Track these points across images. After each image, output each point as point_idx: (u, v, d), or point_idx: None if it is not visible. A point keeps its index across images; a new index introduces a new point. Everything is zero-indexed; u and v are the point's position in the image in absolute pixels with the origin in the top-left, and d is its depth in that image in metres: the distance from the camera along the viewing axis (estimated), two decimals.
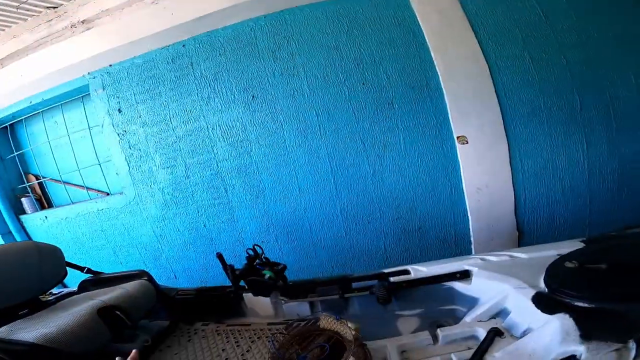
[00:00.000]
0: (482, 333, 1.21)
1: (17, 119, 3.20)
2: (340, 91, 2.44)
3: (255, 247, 1.62)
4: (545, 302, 1.10)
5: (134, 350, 0.99)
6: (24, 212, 3.38)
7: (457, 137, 2.32)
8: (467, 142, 2.30)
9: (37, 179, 3.39)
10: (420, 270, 1.52)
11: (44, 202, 3.47)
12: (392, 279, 1.53)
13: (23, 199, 3.34)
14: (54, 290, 2.03)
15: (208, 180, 2.74)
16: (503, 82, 2.26)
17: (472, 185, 2.39)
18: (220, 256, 1.57)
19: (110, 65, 2.76)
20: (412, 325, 1.48)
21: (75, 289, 1.93)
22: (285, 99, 2.51)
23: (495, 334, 1.16)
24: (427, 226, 2.56)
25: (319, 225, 2.67)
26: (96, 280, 1.88)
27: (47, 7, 2.64)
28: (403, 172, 2.47)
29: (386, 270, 1.59)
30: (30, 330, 1.27)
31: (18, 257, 1.62)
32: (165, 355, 1.60)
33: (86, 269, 1.92)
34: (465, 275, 1.44)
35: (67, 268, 1.87)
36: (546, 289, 1.16)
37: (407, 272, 1.55)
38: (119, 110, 2.77)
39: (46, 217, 3.28)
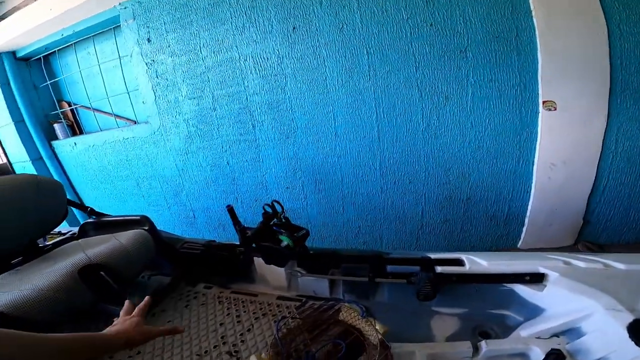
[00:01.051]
0: (537, 353, 0.97)
1: (49, 50, 3.18)
2: (400, 30, 2.02)
3: (275, 203, 1.35)
4: None
5: (147, 297, 0.90)
6: (56, 137, 3.44)
7: (544, 102, 1.90)
8: (555, 109, 1.89)
9: (69, 105, 3.39)
10: (478, 263, 1.20)
11: (75, 128, 3.50)
12: (439, 268, 1.23)
13: (55, 125, 3.39)
14: (63, 229, 1.91)
15: (235, 114, 2.54)
16: (622, 49, 1.78)
17: (546, 159, 2.02)
18: (231, 210, 1.33)
19: None
20: (450, 329, 1.22)
21: (76, 231, 1.78)
22: (331, 32, 2.13)
23: (556, 358, 0.91)
24: (477, 197, 2.26)
25: (352, 178, 2.44)
26: (97, 224, 1.72)
27: None
28: (463, 132, 2.11)
29: (433, 256, 1.28)
30: (8, 291, 1.13)
31: (15, 194, 1.44)
32: (157, 321, 1.44)
33: (89, 209, 1.76)
34: (537, 279, 1.13)
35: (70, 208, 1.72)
36: None
37: (460, 262, 1.24)
38: (148, 40, 2.60)
39: (75, 143, 3.32)
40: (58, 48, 3.13)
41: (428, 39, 1.99)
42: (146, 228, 1.58)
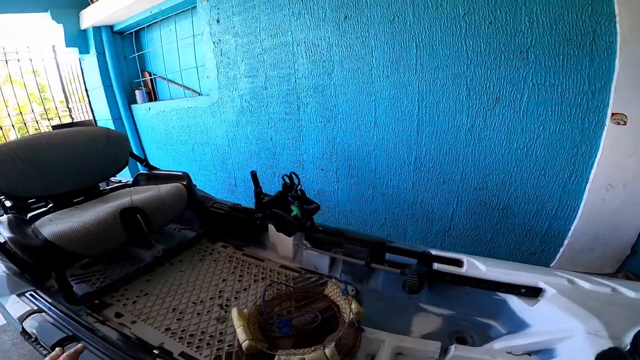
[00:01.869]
0: None
1: (140, 26, 3.69)
2: (455, 26, 1.93)
3: (293, 175, 1.43)
4: None
5: (80, 344, 0.84)
6: (135, 102, 4.03)
7: (613, 114, 1.69)
8: (625, 124, 1.68)
9: (149, 75, 3.94)
10: (476, 266, 1.19)
11: (152, 95, 4.04)
12: (436, 265, 1.24)
13: (136, 91, 3.97)
14: (123, 178, 2.18)
15: (284, 94, 2.71)
16: None
17: (603, 178, 1.82)
18: (254, 175, 1.44)
19: None
20: (429, 327, 1.23)
21: (131, 180, 2.05)
22: (382, 24, 2.13)
23: None
24: (514, 208, 2.12)
25: (385, 168, 2.46)
26: (148, 175, 1.97)
27: None
28: (511, 137, 1.98)
29: (433, 252, 1.29)
30: (59, 223, 1.32)
31: (88, 142, 1.69)
32: (172, 269, 1.63)
33: (145, 162, 2.02)
34: (533, 293, 1.09)
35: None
36: (628, 347, 0.81)
37: (459, 262, 1.23)
38: (218, 21, 2.86)
39: (149, 108, 3.85)
40: (147, 24, 3.59)
41: (485, 36, 1.87)
42: (184, 183, 1.78)
